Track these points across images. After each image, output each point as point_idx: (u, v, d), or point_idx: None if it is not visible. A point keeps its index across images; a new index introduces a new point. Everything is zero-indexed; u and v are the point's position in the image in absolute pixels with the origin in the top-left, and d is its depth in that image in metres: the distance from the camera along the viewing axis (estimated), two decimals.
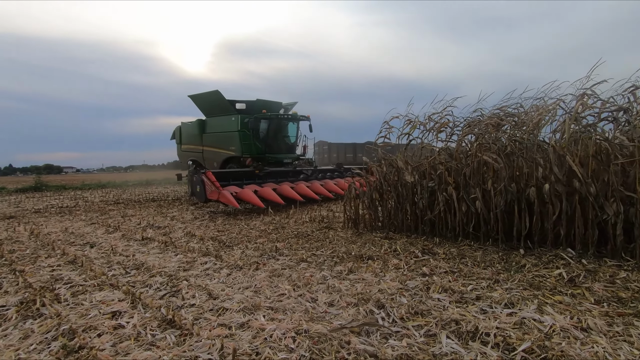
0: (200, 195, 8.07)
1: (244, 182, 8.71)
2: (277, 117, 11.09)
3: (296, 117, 11.35)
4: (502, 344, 2.13)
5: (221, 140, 11.38)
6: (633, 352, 2.02)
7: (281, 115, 11.25)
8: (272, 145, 11.09)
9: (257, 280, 3.48)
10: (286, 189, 8.62)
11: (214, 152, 11.71)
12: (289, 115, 11.36)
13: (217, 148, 11.58)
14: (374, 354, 2.06)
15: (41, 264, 4.31)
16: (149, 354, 2.12)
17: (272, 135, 11.12)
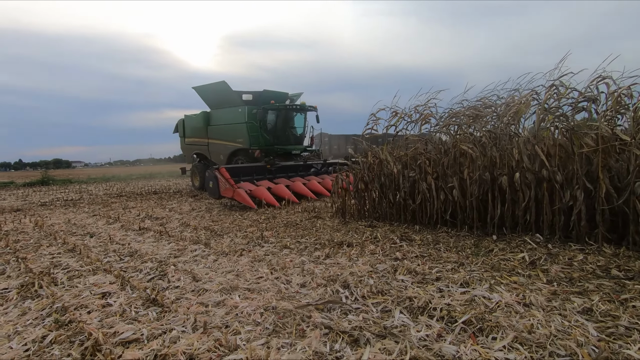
0: (213, 192, 7.95)
1: (254, 177, 8.63)
2: (286, 108, 10.92)
3: (304, 107, 11.18)
4: (446, 317, 2.35)
5: (228, 133, 11.19)
6: (564, 323, 2.22)
7: (290, 105, 11.08)
8: (280, 136, 10.93)
9: (239, 265, 3.73)
10: (299, 186, 8.48)
11: (220, 145, 11.52)
12: (297, 106, 11.18)
13: (224, 140, 11.37)
14: (329, 325, 2.30)
15: (42, 252, 4.60)
16: (130, 327, 2.38)
17: (280, 126, 10.96)
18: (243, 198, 7.39)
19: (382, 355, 1.95)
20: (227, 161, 11.14)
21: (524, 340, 2.04)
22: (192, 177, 12.68)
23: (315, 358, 1.97)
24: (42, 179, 18.30)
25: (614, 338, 2.05)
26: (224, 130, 11.34)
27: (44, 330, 2.40)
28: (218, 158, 11.54)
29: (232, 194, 7.53)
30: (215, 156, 11.68)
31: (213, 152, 11.78)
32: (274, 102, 10.55)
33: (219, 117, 11.54)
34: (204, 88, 11.67)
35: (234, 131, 10.94)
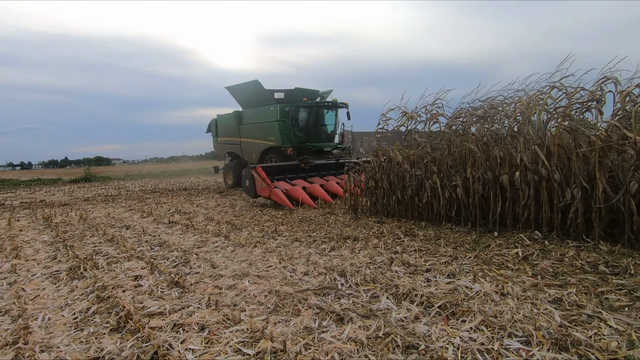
0: (249, 190, 7.94)
1: (287, 176, 8.66)
2: (318, 105, 11.00)
3: (336, 104, 11.19)
4: (425, 302, 2.64)
5: (260, 131, 11.33)
6: (532, 310, 2.45)
7: (321, 102, 11.15)
8: (311, 133, 11.00)
9: (253, 255, 4.14)
10: (333, 186, 8.37)
11: (252, 143, 11.65)
12: (329, 103, 11.19)
13: (256, 139, 11.50)
14: (321, 306, 2.65)
15: (86, 241, 5.25)
16: (155, 303, 2.84)
17: (312, 123, 11.01)
18: (280, 198, 7.36)
19: (361, 331, 2.27)
20: (259, 159, 11.30)
21: (489, 323, 2.29)
22: (225, 176, 13.01)
23: (304, 331, 2.33)
24: (85, 176, 19.85)
25: (575, 324, 2.26)
26: (256, 129, 11.51)
27: (87, 303, 2.91)
28: (250, 156, 11.73)
29: (268, 193, 7.52)
30: (248, 154, 11.87)
31: (245, 150, 11.98)
32: (306, 99, 10.62)
33: (251, 116, 11.74)
34: (237, 88, 11.87)
35: (266, 129, 11.06)
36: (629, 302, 2.51)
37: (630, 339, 2.01)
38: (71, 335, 2.42)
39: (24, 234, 6.00)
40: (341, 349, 2.08)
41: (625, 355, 1.87)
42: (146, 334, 2.29)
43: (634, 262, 3.22)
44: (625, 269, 3.08)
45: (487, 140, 4.50)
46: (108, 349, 2.18)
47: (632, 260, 3.26)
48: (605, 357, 1.88)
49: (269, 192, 7.50)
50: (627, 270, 3.06)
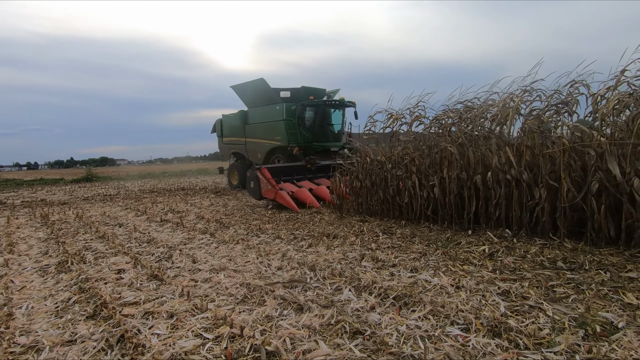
0: (254, 192, 7.77)
1: (294, 177, 8.54)
2: (325, 104, 10.73)
3: (344, 103, 10.92)
4: (382, 294, 2.80)
5: (266, 131, 11.13)
6: (481, 301, 2.60)
7: (328, 101, 10.90)
8: (318, 133, 10.70)
9: (234, 251, 4.32)
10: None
11: (257, 143, 11.49)
12: (336, 101, 10.92)
13: (261, 139, 11.32)
14: (284, 297, 2.82)
15: (79, 238, 5.47)
16: (132, 294, 3.02)
17: (319, 122, 10.71)
18: (285, 200, 7.08)
19: (316, 319, 2.44)
20: (265, 159, 11.17)
21: (436, 312, 2.45)
22: (230, 176, 12.89)
23: (264, 319, 2.50)
24: (86, 176, 20.18)
25: (516, 314, 2.41)
26: (261, 128, 11.33)
27: (69, 293, 3.11)
28: (256, 156, 11.59)
29: (273, 195, 7.27)
30: (253, 155, 11.73)
31: (250, 150, 11.83)
32: (312, 97, 10.47)
33: (257, 116, 11.58)
34: (242, 87, 11.74)
35: (272, 129, 10.89)
36: (574, 294, 2.66)
37: (553, 325, 2.17)
38: (50, 321, 2.60)
39: (21, 231, 6.22)
40: (294, 334, 2.25)
41: (549, 339, 2.03)
42: (117, 320, 2.47)
43: (592, 258, 3.36)
44: (581, 265, 3.22)
45: (462, 142, 4.65)
46: (81, 333, 2.37)
47: (591, 257, 3.40)
48: (531, 341, 2.03)
49: (274, 195, 7.26)
50: (582, 266, 3.20)
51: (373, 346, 2.10)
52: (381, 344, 2.11)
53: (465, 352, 2.01)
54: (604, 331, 2.11)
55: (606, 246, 3.64)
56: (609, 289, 2.69)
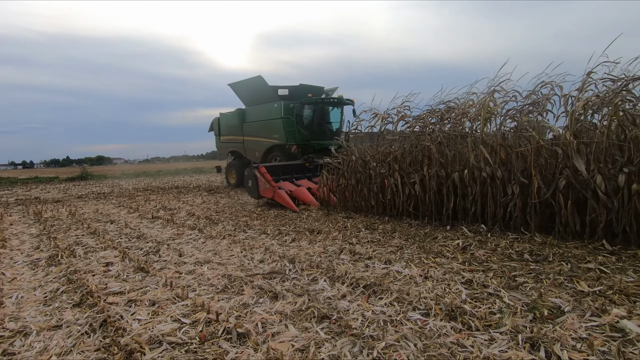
0: (252, 191, 7.66)
1: (294, 175, 8.50)
2: (323, 102, 10.65)
3: (342, 100, 10.80)
4: (353, 283, 2.97)
5: (264, 129, 11.04)
6: (445, 289, 2.78)
7: (327, 98, 10.82)
8: (316, 131, 10.63)
9: (220, 246, 4.48)
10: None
11: (255, 142, 11.41)
12: (334, 99, 10.82)
13: (259, 137, 11.22)
14: (261, 286, 2.98)
15: (70, 234, 5.60)
16: (118, 284, 3.18)
17: (317, 121, 10.66)
18: (283, 199, 7.05)
19: (289, 306, 2.60)
20: (263, 158, 11.11)
21: (401, 299, 2.62)
22: (227, 175, 12.88)
23: (241, 306, 2.66)
24: (81, 174, 20.24)
25: (475, 300, 2.59)
26: (259, 127, 11.25)
27: (58, 284, 3.25)
28: (253, 155, 11.51)
29: (272, 194, 7.23)
30: (251, 153, 11.65)
31: (248, 149, 11.75)
32: (311, 95, 10.40)
33: (255, 114, 11.50)
34: (240, 84, 11.66)
35: (270, 127, 10.82)
36: (533, 283, 2.84)
37: (501, 309, 2.35)
38: (38, 309, 2.75)
39: (14, 228, 6.34)
40: (266, 319, 2.42)
41: (497, 322, 2.20)
42: (101, 307, 2.63)
43: (557, 251, 3.55)
44: (545, 257, 3.40)
45: (441, 140, 4.82)
46: (67, 319, 2.52)
47: (557, 250, 3.59)
48: (482, 323, 2.21)
49: (272, 194, 7.24)
50: (546, 258, 3.38)
51: (338, 329, 2.26)
52: (345, 327, 2.27)
53: (422, 333, 2.18)
54: (550, 314, 2.28)
55: (573, 240, 3.83)
56: (564, 278, 2.87)
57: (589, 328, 2.12)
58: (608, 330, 2.08)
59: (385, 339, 2.11)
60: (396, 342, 2.07)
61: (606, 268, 3.05)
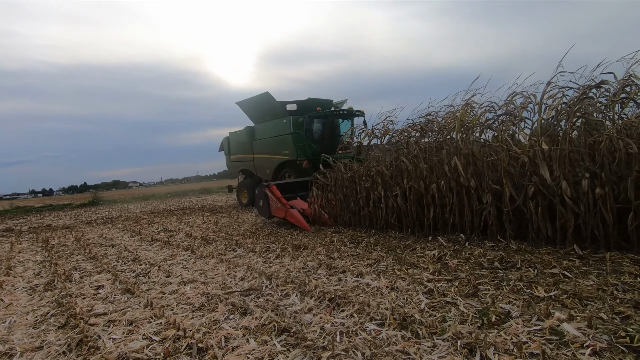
0: (263, 211, 7.39)
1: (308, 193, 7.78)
2: (333, 114, 10.51)
3: (352, 112, 10.56)
4: (321, 297, 3.09)
5: (273, 145, 10.92)
6: (407, 300, 2.88)
7: (336, 111, 10.69)
8: (327, 145, 10.27)
9: (207, 265, 4.66)
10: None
11: (265, 159, 11.28)
12: (344, 111, 10.63)
13: (270, 154, 11.10)
14: (233, 303, 3.13)
15: (71, 259, 5.87)
16: (103, 306, 3.37)
17: (328, 134, 10.48)
18: (296, 219, 6.68)
19: (254, 321, 2.74)
20: (274, 175, 11.00)
21: (361, 310, 2.74)
22: (239, 195, 12.76)
23: (211, 323, 2.82)
24: (92, 200, 20.92)
25: (433, 309, 2.69)
26: (269, 143, 11.15)
27: (49, 308, 3.47)
28: (264, 173, 11.39)
29: (284, 214, 6.91)
30: (261, 171, 11.54)
31: (259, 167, 11.64)
32: (320, 108, 10.29)
33: (264, 131, 11.43)
34: (248, 102, 11.67)
35: (280, 143, 10.68)
36: (494, 290, 2.92)
37: (444, 316, 2.45)
38: (27, 332, 2.96)
39: (21, 255, 6.67)
40: (230, 334, 2.56)
41: (441, 328, 2.30)
42: (81, 328, 2.82)
43: (525, 257, 3.61)
44: (514, 264, 3.47)
45: (417, 153, 4.96)
46: (49, 340, 2.72)
47: (529, 256, 3.65)
48: (428, 331, 2.31)
49: (284, 213, 6.90)
50: (514, 265, 3.45)
51: (294, 341, 2.40)
52: (302, 339, 2.40)
53: (372, 343, 2.29)
54: (498, 320, 2.37)
55: (546, 246, 3.88)
56: (524, 284, 2.95)
57: (531, 332, 2.20)
58: (548, 333, 2.16)
59: (334, 349, 2.23)
60: (344, 352, 2.19)
61: (570, 272, 3.11)
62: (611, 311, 2.38)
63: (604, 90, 3.79)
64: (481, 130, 4.82)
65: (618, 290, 2.71)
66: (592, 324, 2.18)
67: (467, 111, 4.69)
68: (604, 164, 3.40)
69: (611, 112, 3.64)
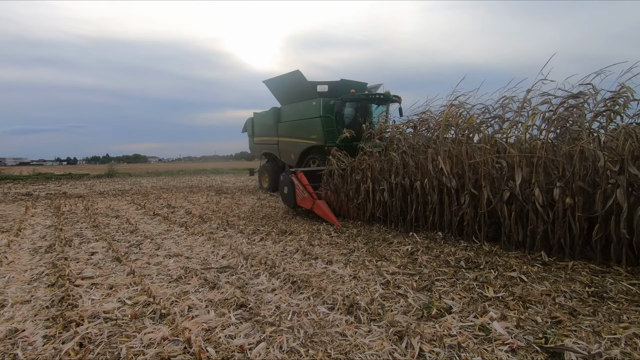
0: (287, 199, 6.82)
1: None
2: (368, 98, 9.54)
3: (389, 97, 9.48)
4: (287, 279, 3.31)
5: (300, 129, 10.17)
6: (364, 287, 3.06)
7: (372, 94, 9.63)
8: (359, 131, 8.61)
9: (196, 242, 4.95)
10: None
11: (291, 143, 10.59)
12: (381, 95, 9.52)
13: (296, 138, 10.36)
14: (205, 277, 3.39)
15: (76, 226, 6.29)
16: (92, 270, 3.70)
17: (360, 120, 9.22)
18: (324, 212, 6.06)
19: (218, 295, 2.99)
20: (299, 161, 10.34)
21: (318, 294, 2.94)
22: (260, 178, 12.31)
23: (181, 293, 3.08)
24: (109, 172, 21.73)
25: (384, 299, 2.86)
26: (296, 127, 10.41)
27: (44, 268, 3.82)
28: (289, 157, 10.74)
29: (310, 205, 6.32)
30: (286, 155, 10.89)
31: (283, 151, 10.99)
32: (354, 91, 9.43)
33: (291, 113, 10.69)
34: (276, 80, 10.89)
35: (308, 127, 9.88)
36: (448, 287, 3.07)
37: (382, 305, 2.62)
38: (21, 287, 3.30)
39: (33, 219, 7.15)
40: (194, 304, 2.82)
41: (381, 316, 2.48)
42: (66, 288, 3.13)
43: (491, 260, 3.72)
44: (478, 265, 3.59)
45: (405, 150, 5.06)
46: (37, 295, 3.04)
47: (493, 259, 3.75)
48: (369, 317, 2.50)
49: (311, 204, 6.31)
50: (478, 266, 3.57)
51: (248, 316, 2.63)
52: (255, 314, 2.63)
53: (318, 323, 2.50)
54: (437, 314, 2.53)
55: (516, 250, 3.97)
56: (477, 284, 3.08)
57: (463, 327, 2.36)
58: (477, 330, 2.31)
59: (280, 325, 2.45)
60: (288, 329, 2.41)
61: (527, 277, 3.22)
62: (548, 315, 2.50)
63: (583, 101, 3.78)
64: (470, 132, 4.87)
65: (565, 297, 2.81)
66: (519, 325, 2.32)
67: (453, 112, 4.73)
68: (575, 174, 3.44)
69: (587, 123, 3.65)
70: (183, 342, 2.23)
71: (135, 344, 2.24)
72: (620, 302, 2.68)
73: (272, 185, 11.22)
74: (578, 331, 2.26)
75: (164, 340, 2.25)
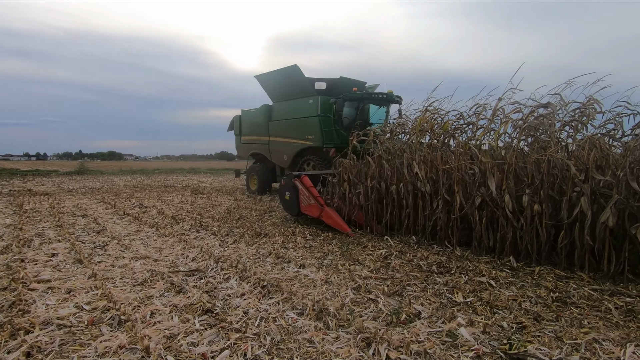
0: (289, 206, 6.16)
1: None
2: (371, 97, 9.02)
3: (391, 97, 8.96)
4: (257, 283, 3.23)
5: (295, 128, 9.52)
6: (335, 292, 3.02)
7: (375, 94, 9.11)
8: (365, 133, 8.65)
9: (166, 243, 4.78)
10: None
11: (284, 143, 9.89)
12: (384, 95, 8.97)
13: (289, 138, 9.69)
14: (172, 282, 3.26)
15: (38, 226, 5.96)
16: (49, 273, 3.49)
17: (361, 120, 8.85)
18: (334, 220, 5.41)
19: (184, 299, 2.88)
20: (292, 162, 9.71)
21: (288, 299, 2.88)
22: (248, 181, 11.52)
23: (145, 298, 2.95)
24: (79, 169, 20.88)
25: (355, 304, 2.83)
26: (289, 126, 9.74)
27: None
28: (280, 158, 10.10)
29: (318, 213, 5.65)
30: (278, 156, 10.20)
31: (274, 151, 10.28)
32: (356, 89, 9.00)
33: (284, 111, 10.00)
34: (269, 76, 10.11)
35: (303, 126, 9.25)
36: (419, 292, 3.07)
37: (352, 311, 2.59)
38: None
39: None
40: (158, 310, 2.70)
41: (349, 322, 2.45)
42: (19, 292, 2.93)
43: (463, 265, 3.76)
44: (449, 270, 3.62)
45: (381, 154, 5.08)
46: None
47: (465, 264, 3.79)
48: (338, 323, 2.46)
49: (318, 212, 5.64)
50: (449, 271, 3.60)
51: (213, 322, 2.53)
52: (221, 320, 2.54)
53: (286, 330, 2.43)
54: (406, 319, 2.52)
55: (486, 255, 4.04)
56: (447, 289, 3.10)
57: (431, 333, 2.35)
58: (444, 335, 2.31)
59: (246, 332, 2.37)
60: (254, 335, 2.33)
61: (495, 282, 3.27)
62: (513, 321, 2.54)
63: (551, 111, 3.90)
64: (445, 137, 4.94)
65: (531, 302, 2.87)
66: (486, 331, 2.34)
67: (427, 117, 4.79)
68: (543, 182, 3.54)
69: (557, 132, 3.76)
70: (141, 350, 2.12)
71: (89, 352, 2.11)
72: (582, 308, 2.75)
73: (261, 187, 10.78)
74: (541, 336, 2.30)
75: (121, 348, 2.13)
